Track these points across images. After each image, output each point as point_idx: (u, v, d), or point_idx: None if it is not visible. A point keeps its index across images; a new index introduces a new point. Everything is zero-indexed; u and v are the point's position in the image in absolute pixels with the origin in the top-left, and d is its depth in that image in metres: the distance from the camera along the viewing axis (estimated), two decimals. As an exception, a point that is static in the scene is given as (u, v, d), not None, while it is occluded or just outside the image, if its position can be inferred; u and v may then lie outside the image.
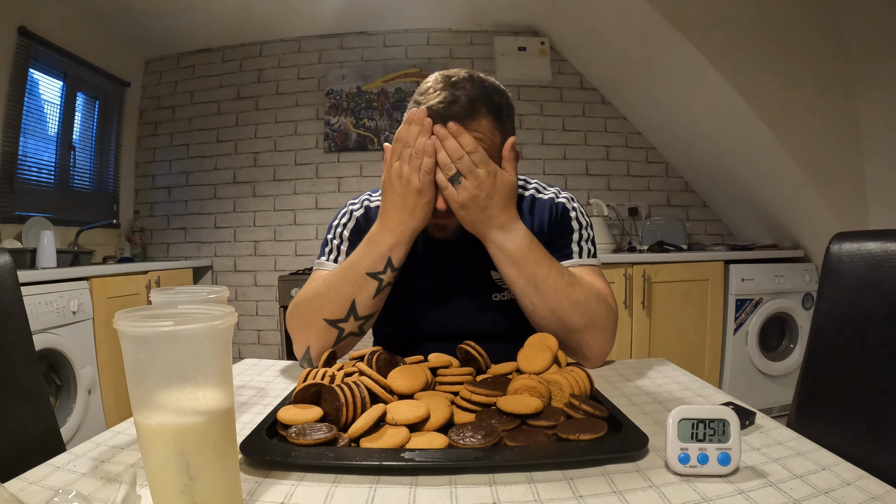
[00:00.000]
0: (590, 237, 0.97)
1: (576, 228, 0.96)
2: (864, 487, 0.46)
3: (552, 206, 0.98)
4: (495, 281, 0.97)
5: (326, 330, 0.86)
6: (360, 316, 0.86)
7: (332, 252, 1.00)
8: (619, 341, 2.54)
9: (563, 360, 0.75)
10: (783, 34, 2.29)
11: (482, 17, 3.09)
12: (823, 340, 0.81)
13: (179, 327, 0.39)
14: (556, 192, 1.00)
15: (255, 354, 3.23)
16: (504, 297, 0.97)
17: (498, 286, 0.97)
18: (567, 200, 0.99)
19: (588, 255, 0.96)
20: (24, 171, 2.53)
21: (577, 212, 0.98)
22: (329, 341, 0.86)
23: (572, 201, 1.00)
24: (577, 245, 0.95)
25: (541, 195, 1.00)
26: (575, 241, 0.95)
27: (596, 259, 0.97)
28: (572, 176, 3.21)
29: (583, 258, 0.94)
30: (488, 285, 0.97)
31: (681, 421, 0.49)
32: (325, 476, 0.49)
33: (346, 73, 3.20)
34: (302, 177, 3.24)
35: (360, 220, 1.01)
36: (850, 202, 2.40)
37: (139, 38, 3.13)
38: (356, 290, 0.85)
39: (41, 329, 1.81)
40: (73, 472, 0.52)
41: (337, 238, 1.01)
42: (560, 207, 0.98)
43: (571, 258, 0.94)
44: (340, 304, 0.85)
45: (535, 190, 1.01)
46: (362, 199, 1.04)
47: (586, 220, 0.99)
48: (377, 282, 0.84)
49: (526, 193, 1.01)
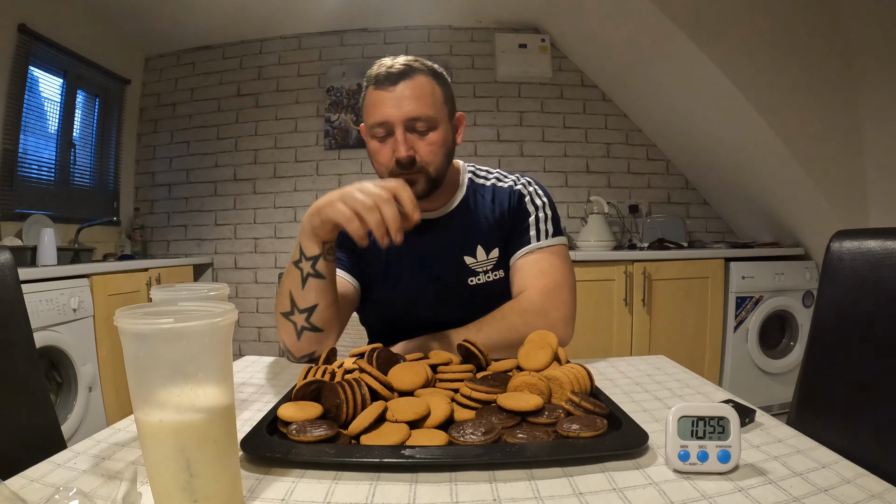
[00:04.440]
0: (547, 217, 1.03)
1: (532, 212, 1.03)
2: (864, 485, 0.46)
3: (511, 193, 1.06)
4: (469, 265, 1.03)
5: (286, 323, 0.88)
6: (301, 308, 0.86)
7: None
8: (619, 338, 2.56)
9: (563, 358, 0.75)
10: (785, 31, 2.29)
11: (483, 13, 3.08)
12: (824, 338, 0.81)
13: (180, 325, 0.39)
14: (514, 180, 1.08)
15: (256, 351, 3.23)
16: (479, 281, 1.03)
17: (472, 270, 1.03)
18: (523, 186, 1.07)
19: (547, 236, 1.02)
20: (25, 169, 2.53)
21: (532, 195, 1.05)
22: (292, 335, 0.88)
23: (529, 185, 1.07)
24: (534, 228, 1.02)
25: (501, 184, 1.08)
26: (532, 223, 1.02)
27: (556, 238, 1.02)
28: (573, 173, 3.21)
29: (541, 240, 1.01)
30: (464, 270, 1.03)
31: (681, 418, 0.49)
32: (326, 473, 0.49)
33: (346, 70, 3.20)
34: (302, 174, 3.24)
35: None
36: (851, 200, 2.39)
37: (139, 36, 3.13)
38: (290, 281, 0.87)
39: (42, 326, 1.81)
40: (73, 469, 0.52)
41: None
42: (517, 195, 1.05)
43: (529, 243, 1.01)
44: (283, 296, 0.88)
45: (496, 179, 1.09)
46: None
47: (542, 200, 1.05)
48: (298, 271, 0.86)
49: (487, 183, 1.08)
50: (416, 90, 0.93)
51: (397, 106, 0.92)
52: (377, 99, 0.94)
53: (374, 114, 0.94)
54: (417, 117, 0.92)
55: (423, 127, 0.94)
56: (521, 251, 1.01)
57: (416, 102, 0.92)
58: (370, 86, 0.96)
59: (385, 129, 0.94)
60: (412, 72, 0.94)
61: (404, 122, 0.92)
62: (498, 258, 1.03)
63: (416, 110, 0.92)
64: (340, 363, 0.73)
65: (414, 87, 0.93)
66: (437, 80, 0.97)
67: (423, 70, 0.96)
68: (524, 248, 1.01)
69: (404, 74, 0.93)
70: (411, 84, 0.93)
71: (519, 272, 1.00)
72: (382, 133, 0.94)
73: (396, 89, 0.92)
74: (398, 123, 0.92)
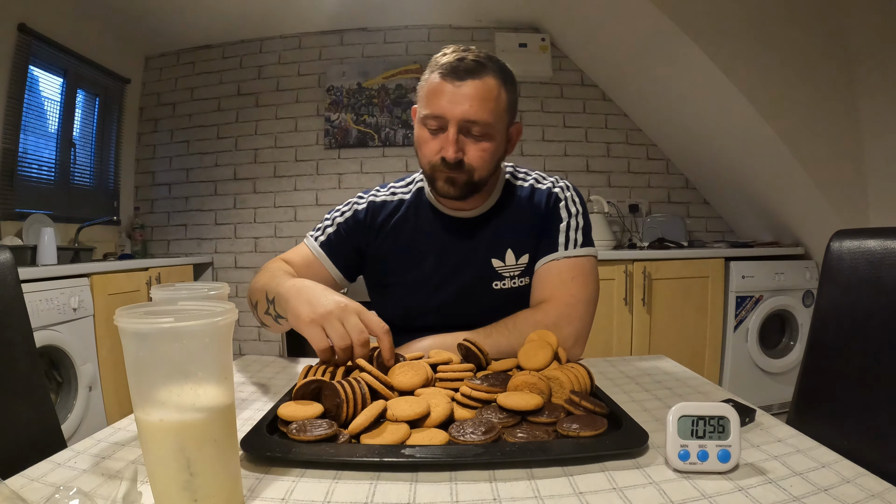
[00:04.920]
0: (578, 226, 0.99)
1: (564, 218, 1.00)
2: (864, 485, 0.46)
3: (549, 194, 1.02)
4: (496, 269, 1.00)
5: (250, 304, 0.95)
6: (260, 321, 0.93)
7: (320, 231, 1.06)
8: (619, 338, 2.56)
9: (563, 357, 0.75)
10: (785, 31, 2.29)
11: (483, 13, 3.08)
12: (824, 338, 0.81)
13: (180, 324, 0.39)
14: (553, 182, 1.05)
15: (256, 351, 3.23)
16: (504, 286, 1.00)
17: (499, 274, 1.00)
18: (561, 189, 1.03)
19: (576, 245, 0.98)
20: (25, 168, 2.53)
21: (567, 200, 1.02)
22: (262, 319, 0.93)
23: (566, 190, 1.04)
24: (563, 235, 0.98)
25: (539, 185, 1.04)
26: (562, 230, 0.99)
27: (585, 249, 0.98)
28: (573, 173, 3.20)
29: (568, 249, 0.97)
30: (490, 273, 1.00)
31: (681, 418, 0.49)
32: (326, 472, 0.49)
33: (346, 70, 3.20)
34: (302, 173, 3.24)
35: (358, 212, 1.05)
36: (851, 199, 2.39)
37: (139, 35, 3.13)
38: (261, 298, 0.89)
39: (42, 326, 1.81)
40: (73, 468, 0.52)
41: (330, 221, 1.06)
42: (554, 197, 1.02)
43: (556, 251, 0.97)
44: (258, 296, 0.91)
45: (534, 180, 1.06)
46: (369, 195, 1.08)
47: (577, 207, 1.01)
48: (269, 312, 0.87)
49: (525, 184, 1.05)
50: (482, 92, 0.88)
51: (458, 104, 0.88)
52: (438, 89, 0.90)
53: (431, 104, 0.90)
54: (475, 121, 0.89)
55: (478, 132, 0.90)
56: (547, 257, 0.98)
57: (478, 106, 0.88)
58: (435, 72, 0.91)
59: (438, 123, 0.90)
60: (482, 70, 0.89)
61: (460, 123, 0.89)
62: (526, 265, 1.00)
63: (475, 114, 0.88)
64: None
65: (480, 89, 0.88)
66: (505, 85, 0.92)
67: (494, 70, 0.91)
68: (550, 255, 0.97)
69: (474, 72, 0.88)
70: (478, 84, 0.88)
71: (540, 279, 0.98)
72: (435, 126, 0.91)
73: (462, 86, 0.88)
74: (453, 122, 0.89)
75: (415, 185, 1.08)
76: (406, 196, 1.06)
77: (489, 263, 1.00)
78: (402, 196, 1.07)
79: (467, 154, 0.91)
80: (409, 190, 1.07)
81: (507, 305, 0.96)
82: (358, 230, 1.04)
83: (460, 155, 0.90)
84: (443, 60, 0.91)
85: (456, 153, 0.89)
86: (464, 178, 0.92)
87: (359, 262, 1.07)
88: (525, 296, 1.00)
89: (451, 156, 0.89)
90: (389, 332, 0.72)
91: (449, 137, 0.89)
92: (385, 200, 1.06)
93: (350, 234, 1.04)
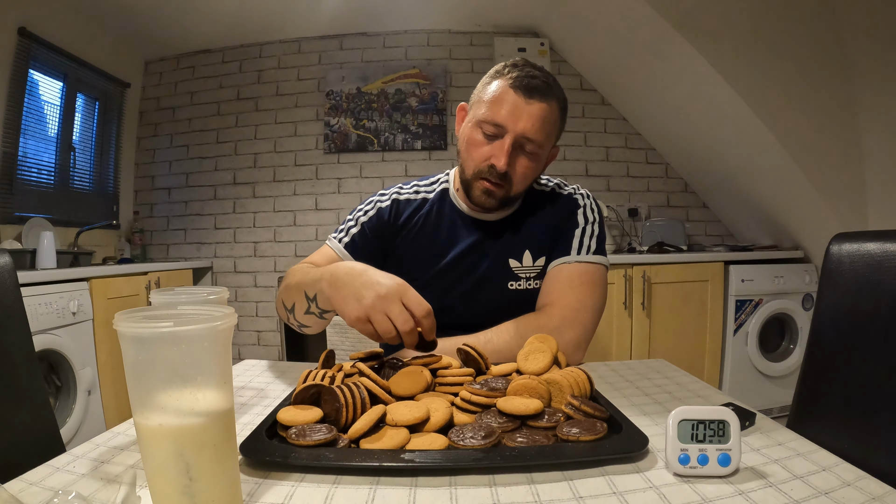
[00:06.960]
0: (593, 234, 1.02)
1: (580, 223, 1.03)
2: (864, 488, 0.46)
3: (569, 199, 1.06)
4: (513, 269, 1.02)
5: (282, 310, 0.95)
6: (299, 324, 0.94)
7: (343, 232, 1.07)
8: (618, 342, 2.56)
9: (562, 361, 0.75)
10: (783, 35, 2.29)
11: (482, 18, 3.09)
12: (823, 341, 0.81)
13: (179, 328, 0.39)
14: (574, 188, 1.09)
15: (255, 355, 3.22)
16: (520, 287, 1.02)
17: (515, 275, 1.02)
18: (581, 196, 1.07)
19: (588, 252, 1.00)
20: (24, 172, 2.53)
21: (585, 208, 1.05)
22: (286, 318, 0.95)
23: (587, 198, 1.07)
24: (577, 240, 1.01)
25: (561, 190, 1.08)
26: (577, 235, 1.02)
27: (595, 256, 1.01)
28: (572, 177, 3.21)
29: (580, 254, 1.00)
30: (506, 273, 1.02)
31: (681, 422, 0.49)
32: (325, 477, 0.49)
33: (345, 74, 3.20)
34: (302, 178, 3.24)
35: (383, 210, 1.07)
36: (850, 203, 2.40)
37: (139, 39, 3.13)
38: (297, 294, 0.89)
39: (41, 330, 1.81)
40: (72, 473, 0.51)
41: (353, 221, 1.07)
42: (574, 202, 1.06)
43: (568, 254, 1.00)
44: (288, 295, 0.91)
45: (556, 186, 1.10)
46: (392, 192, 1.10)
47: (594, 216, 1.05)
48: (306, 300, 0.86)
49: (547, 189, 1.09)
50: (546, 114, 0.93)
51: (521, 119, 0.91)
52: (506, 98, 0.92)
53: (495, 111, 0.93)
54: (532, 139, 0.92)
55: (530, 149, 0.94)
56: (559, 260, 1.00)
57: (539, 126, 0.92)
58: (505, 81, 0.94)
59: (496, 131, 0.93)
60: (550, 94, 0.93)
61: (517, 137, 0.92)
62: (542, 267, 1.02)
63: (534, 133, 0.92)
64: (339, 367, 0.73)
65: (545, 111, 0.92)
66: (561, 114, 0.98)
67: (558, 97, 0.95)
68: (562, 258, 1.00)
69: (543, 93, 0.92)
70: (544, 107, 0.92)
71: (549, 281, 1.00)
72: (491, 132, 0.94)
73: (530, 103, 0.91)
74: (511, 134, 0.92)
75: (439, 185, 1.11)
76: (430, 195, 1.09)
77: (506, 263, 1.02)
78: (425, 195, 1.09)
79: (514, 169, 0.94)
80: (434, 189, 1.10)
81: (520, 306, 0.98)
82: (382, 227, 1.06)
83: (509, 167, 0.93)
84: (514, 73, 0.93)
85: (506, 165, 0.92)
86: (502, 193, 0.96)
87: (382, 259, 1.07)
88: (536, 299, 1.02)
89: (501, 165, 0.92)
90: (431, 311, 0.72)
91: (504, 148, 0.92)
92: (409, 198, 1.09)
93: (374, 231, 1.06)
